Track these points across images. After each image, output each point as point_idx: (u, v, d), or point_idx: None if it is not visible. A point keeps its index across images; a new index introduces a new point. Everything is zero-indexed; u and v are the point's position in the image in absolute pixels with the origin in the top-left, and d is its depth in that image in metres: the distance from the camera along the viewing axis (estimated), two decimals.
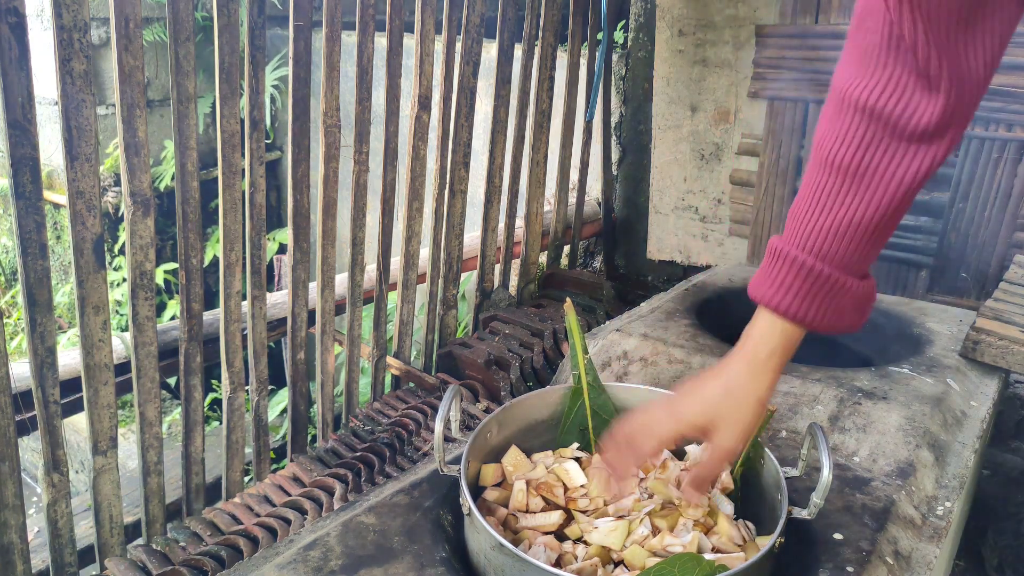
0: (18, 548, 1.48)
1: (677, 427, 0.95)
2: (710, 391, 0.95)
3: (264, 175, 1.70)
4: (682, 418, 0.95)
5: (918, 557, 1.08)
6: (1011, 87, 1.96)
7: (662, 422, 0.95)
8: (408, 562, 1.01)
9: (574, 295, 2.42)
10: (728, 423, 0.93)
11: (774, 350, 0.93)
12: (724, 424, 0.93)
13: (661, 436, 0.95)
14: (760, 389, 0.93)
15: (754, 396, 0.93)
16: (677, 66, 2.50)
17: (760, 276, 0.95)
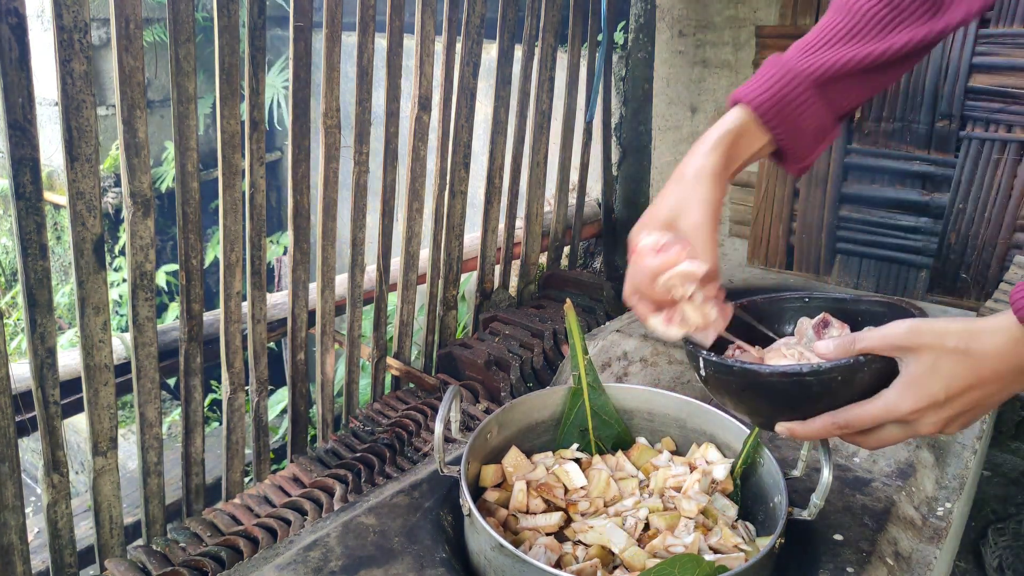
0: (18, 549, 1.47)
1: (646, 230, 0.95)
2: (664, 191, 0.96)
3: (264, 176, 1.70)
4: (648, 222, 0.96)
5: (918, 558, 1.08)
6: (1011, 87, 1.96)
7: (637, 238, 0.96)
8: (408, 563, 1.01)
9: (574, 296, 2.42)
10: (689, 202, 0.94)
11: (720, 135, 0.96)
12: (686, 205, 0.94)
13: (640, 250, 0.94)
14: (711, 166, 0.94)
15: (707, 172, 0.94)
16: (677, 67, 2.50)
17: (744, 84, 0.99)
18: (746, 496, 1.11)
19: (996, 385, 0.79)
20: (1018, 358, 0.78)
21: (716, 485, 1.11)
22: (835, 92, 0.97)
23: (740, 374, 0.87)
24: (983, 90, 1.99)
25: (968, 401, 0.80)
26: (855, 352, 0.84)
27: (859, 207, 2.27)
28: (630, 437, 1.23)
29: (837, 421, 0.84)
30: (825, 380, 0.83)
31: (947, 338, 0.79)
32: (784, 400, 0.87)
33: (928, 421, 0.81)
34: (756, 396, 0.89)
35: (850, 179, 2.26)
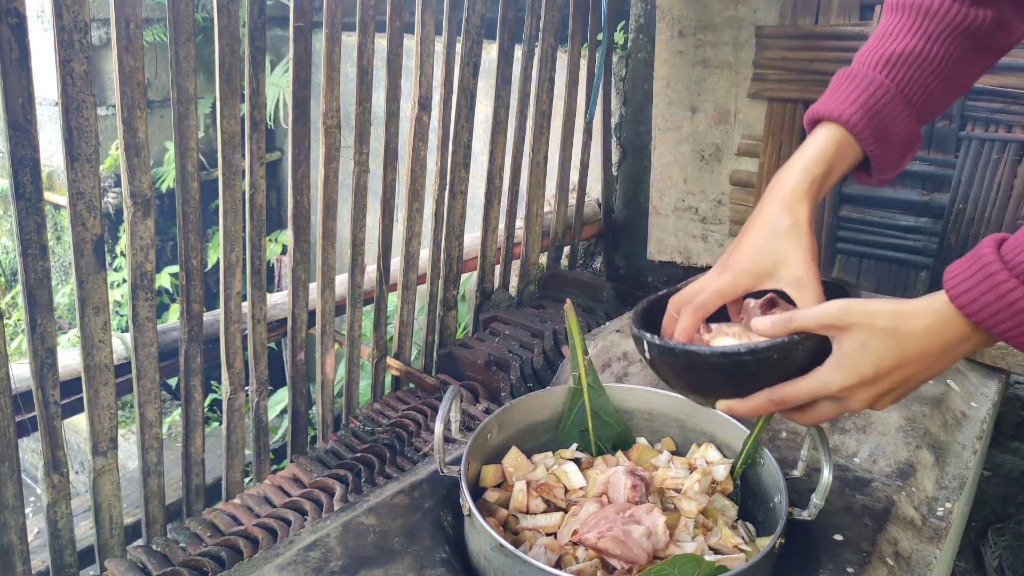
0: (18, 549, 1.47)
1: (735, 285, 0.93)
2: (757, 238, 0.94)
3: (264, 176, 1.70)
4: (742, 271, 0.93)
5: (918, 558, 1.08)
6: (1011, 87, 1.96)
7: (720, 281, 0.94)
8: (408, 563, 1.01)
9: (574, 296, 2.42)
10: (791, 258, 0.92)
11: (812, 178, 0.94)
12: (788, 260, 0.92)
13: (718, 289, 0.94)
14: (805, 215, 0.93)
15: (804, 221, 0.93)
16: (677, 67, 2.50)
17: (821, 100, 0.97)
18: (746, 496, 1.11)
19: (923, 363, 0.82)
20: (943, 338, 0.80)
21: (716, 485, 1.11)
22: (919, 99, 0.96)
23: (682, 355, 0.90)
24: (983, 90, 1.99)
25: (896, 379, 0.83)
26: (790, 330, 0.86)
27: (859, 207, 2.27)
28: (630, 437, 1.23)
29: (773, 398, 0.87)
30: (762, 358, 0.86)
31: (876, 318, 0.82)
32: (724, 379, 0.90)
33: (858, 397, 0.85)
34: (698, 376, 0.92)
35: (850, 179, 2.26)
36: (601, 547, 0.94)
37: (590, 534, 0.95)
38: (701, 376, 0.91)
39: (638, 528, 0.95)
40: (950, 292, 0.77)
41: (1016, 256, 0.73)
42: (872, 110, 0.94)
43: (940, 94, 0.97)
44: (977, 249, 0.77)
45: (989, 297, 0.75)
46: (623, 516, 0.98)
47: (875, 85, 0.95)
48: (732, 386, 0.90)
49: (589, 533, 0.96)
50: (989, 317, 0.75)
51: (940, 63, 0.95)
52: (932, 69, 0.95)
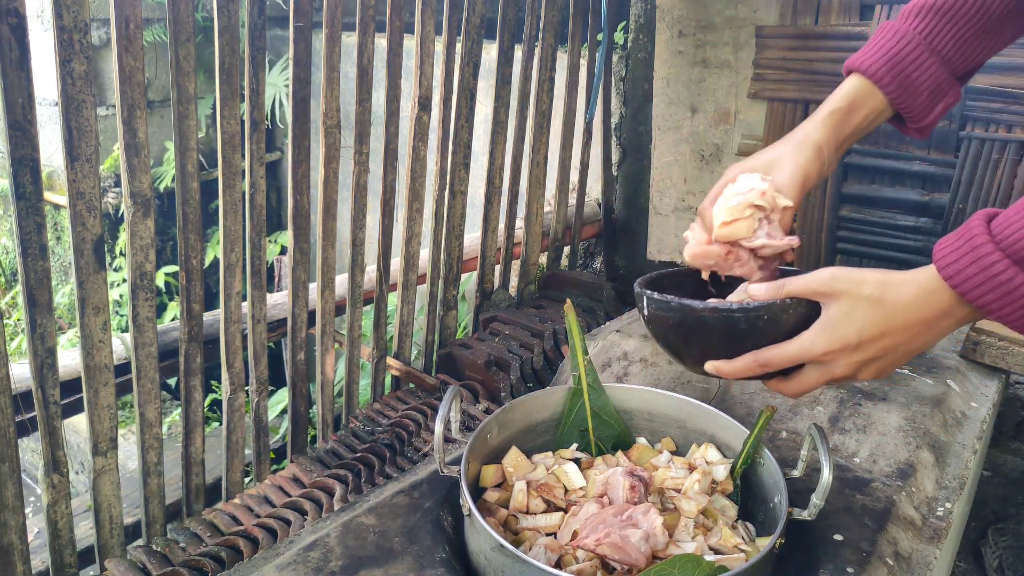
0: (18, 549, 1.47)
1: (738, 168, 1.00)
2: (774, 145, 1.01)
3: (264, 176, 1.70)
4: (744, 164, 1.00)
5: (918, 558, 1.08)
6: (1011, 88, 1.96)
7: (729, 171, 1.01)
8: (408, 563, 1.01)
9: (574, 296, 2.42)
10: (785, 162, 0.98)
11: (834, 108, 0.99)
12: (781, 163, 0.98)
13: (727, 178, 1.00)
14: (818, 135, 0.99)
15: (812, 140, 0.99)
16: (677, 67, 2.50)
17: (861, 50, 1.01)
18: (746, 496, 1.11)
19: (906, 334, 0.83)
20: (927, 309, 0.81)
21: (716, 485, 1.11)
22: (949, 49, 0.98)
23: (677, 309, 0.94)
24: (983, 90, 1.99)
25: (879, 348, 0.85)
26: (783, 295, 0.89)
27: (859, 207, 2.27)
28: (630, 437, 1.23)
29: (758, 359, 0.90)
30: (751, 318, 0.89)
31: (864, 286, 0.84)
32: (714, 337, 0.93)
33: (841, 363, 0.86)
34: (689, 332, 0.95)
35: (850, 179, 2.26)
36: (600, 553, 0.94)
37: (588, 540, 0.95)
38: (692, 332, 0.95)
39: (636, 532, 0.96)
40: (938, 263, 0.79)
41: (1003, 231, 0.75)
42: (894, 59, 0.97)
43: (976, 45, 0.98)
44: (967, 223, 0.79)
45: (974, 268, 0.76)
46: (620, 519, 0.98)
47: (900, 34, 0.98)
48: (721, 345, 0.93)
49: (587, 539, 0.96)
50: (973, 289, 0.77)
51: (975, 14, 0.96)
52: (966, 20, 0.96)
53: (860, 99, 0.99)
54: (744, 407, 1.40)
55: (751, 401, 1.41)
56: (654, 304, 0.97)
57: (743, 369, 0.91)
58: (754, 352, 0.90)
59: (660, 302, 0.95)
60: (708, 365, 0.95)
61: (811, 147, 0.98)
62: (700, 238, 1.01)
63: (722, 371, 0.93)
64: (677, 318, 0.94)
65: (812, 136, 0.99)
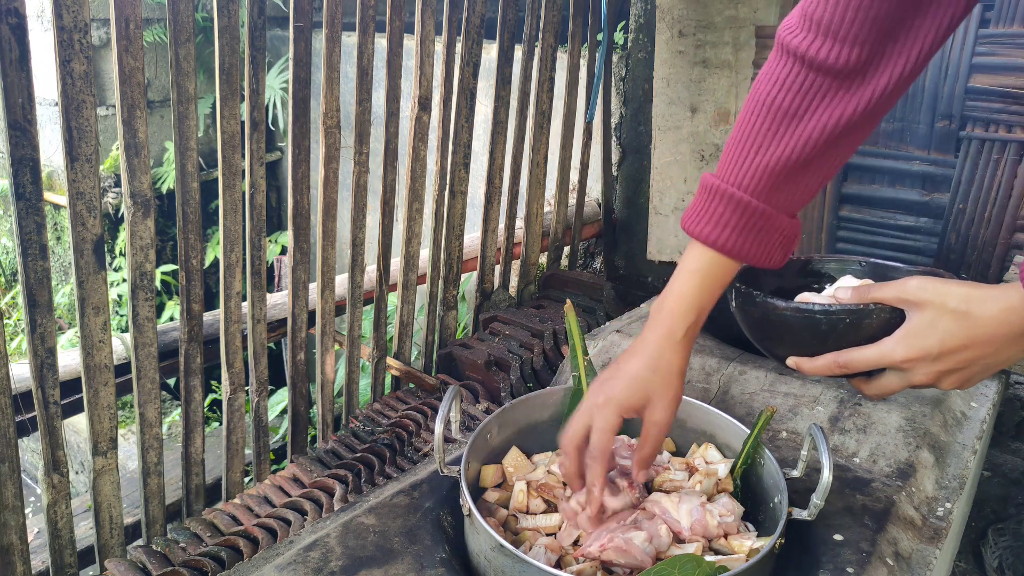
0: (18, 549, 1.47)
1: (617, 413, 1.00)
2: (636, 371, 1.01)
3: (264, 176, 1.70)
4: (619, 404, 1.00)
5: (918, 558, 1.08)
6: (1011, 88, 1.96)
7: (602, 415, 1.01)
8: (408, 563, 1.01)
9: (574, 296, 2.42)
10: (660, 399, 1.00)
11: (691, 320, 1.01)
12: (657, 400, 1.00)
13: (606, 428, 1.00)
14: (681, 362, 1.02)
15: (677, 369, 1.01)
16: (677, 67, 2.50)
17: (694, 211, 1.01)
18: (746, 496, 1.11)
19: (989, 348, 0.84)
20: (1011, 326, 0.82)
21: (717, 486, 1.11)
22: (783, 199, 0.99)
23: (761, 306, 0.97)
24: (983, 90, 1.99)
25: (961, 360, 0.85)
26: (868, 300, 0.91)
27: (859, 207, 2.27)
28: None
29: (839, 360, 0.91)
30: (833, 320, 0.91)
31: (950, 298, 0.85)
32: (796, 335, 0.95)
33: (921, 371, 0.87)
34: (772, 329, 0.98)
35: (850, 179, 2.26)
36: (605, 559, 0.95)
37: (593, 547, 0.96)
38: (775, 329, 0.97)
39: (639, 535, 0.96)
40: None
41: None
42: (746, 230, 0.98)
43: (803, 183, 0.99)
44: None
45: None
46: (623, 523, 0.98)
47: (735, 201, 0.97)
48: (803, 343, 0.95)
49: (591, 547, 0.96)
50: None
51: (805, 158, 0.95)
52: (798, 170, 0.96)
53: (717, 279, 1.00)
54: (744, 407, 1.40)
55: (751, 401, 1.41)
56: (740, 297, 1.00)
57: (823, 368, 0.93)
58: (835, 353, 0.92)
59: (746, 296, 0.99)
60: (790, 361, 0.97)
61: (678, 380, 1.01)
62: None
63: (803, 368, 0.96)
64: (760, 314, 0.97)
65: (676, 367, 1.01)
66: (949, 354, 0.85)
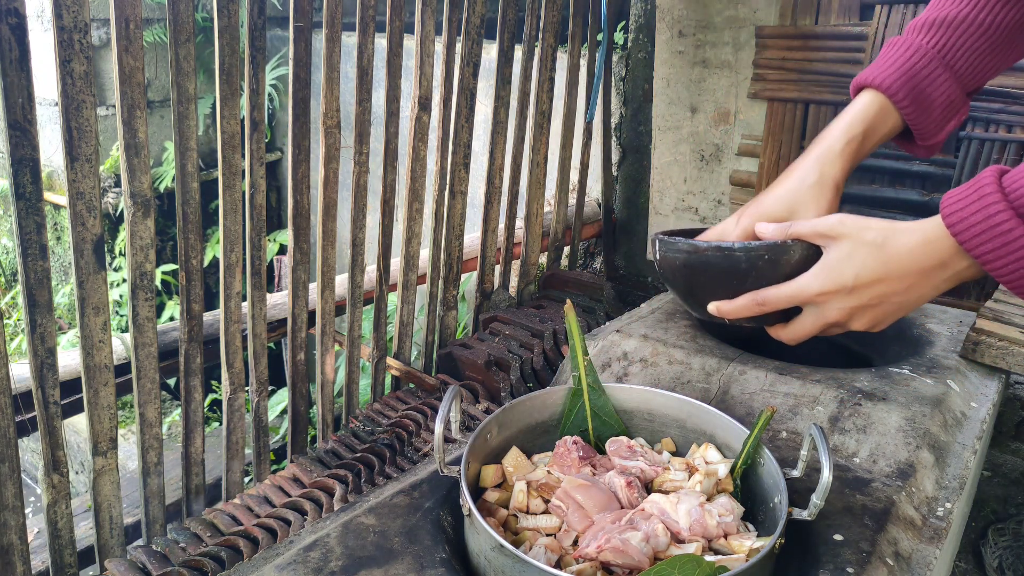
0: (18, 549, 1.47)
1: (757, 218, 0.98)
2: (786, 184, 0.98)
3: (264, 176, 1.70)
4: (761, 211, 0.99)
5: (918, 558, 1.08)
6: (1011, 88, 1.96)
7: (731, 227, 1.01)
8: (408, 563, 1.01)
9: (574, 296, 2.42)
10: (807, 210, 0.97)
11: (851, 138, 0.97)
12: (803, 211, 0.97)
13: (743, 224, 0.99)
14: (838, 174, 0.97)
15: (831, 180, 0.97)
16: (677, 67, 2.50)
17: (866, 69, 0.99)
18: (746, 496, 1.11)
19: (902, 283, 0.83)
20: (926, 259, 0.81)
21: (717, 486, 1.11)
22: (962, 64, 0.96)
23: (684, 249, 0.98)
24: (983, 90, 1.99)
25: (875, 294, 0.85)
26: (788, 236, 0.90)
27: (859, 207, 2.27)
28: (630, 438, 1.23)
29: (756, 298, 0.92)
30: (753, 257, 0.92)
31: (867, 231, 0.85)
32: (718, 276, 0.96)
33: (834, 306, 0.87)
34: (694, 272, 0.98)
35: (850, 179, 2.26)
36: (603, 560, 0.95)
37: (589, 548, 0.96)
38: (697, 272, 0.98)
39: (636, 535, 0.96)
40: (943, 210, 0.79)
41: (1013, 184, 0.75)
42: (909, 74, 0.95)
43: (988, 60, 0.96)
44: (979, 175, 0.78)
45: (977, 217, 0.76)
46: (620, 523, 0.98)
47: (913, 49, 0.96)
48: (724, 286, 0.95)
49: (588, 547, 0.96)
50: (972, 237, 0.76)
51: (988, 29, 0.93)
52: (979, 34, 0.94)
53: (876, 120, 0.97)
54: (744, 407, 1.40)
55: (751, 401, 1.41)
56: (664, 246, 1.01)
57: (742, 308, 0.93)
58: (753, 292, 0.92)
59: (669, 243, 0.99)
60: (711, 306, 0.97)
61: (832, 188, 0.96)
62: None
63: (723, 311, 0.95)
64: (683, 258, 0.98)
65: (831, 175, 0.96)
66: (863, 288, 0.84)
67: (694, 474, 1.12)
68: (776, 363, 1.46)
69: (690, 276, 0.99)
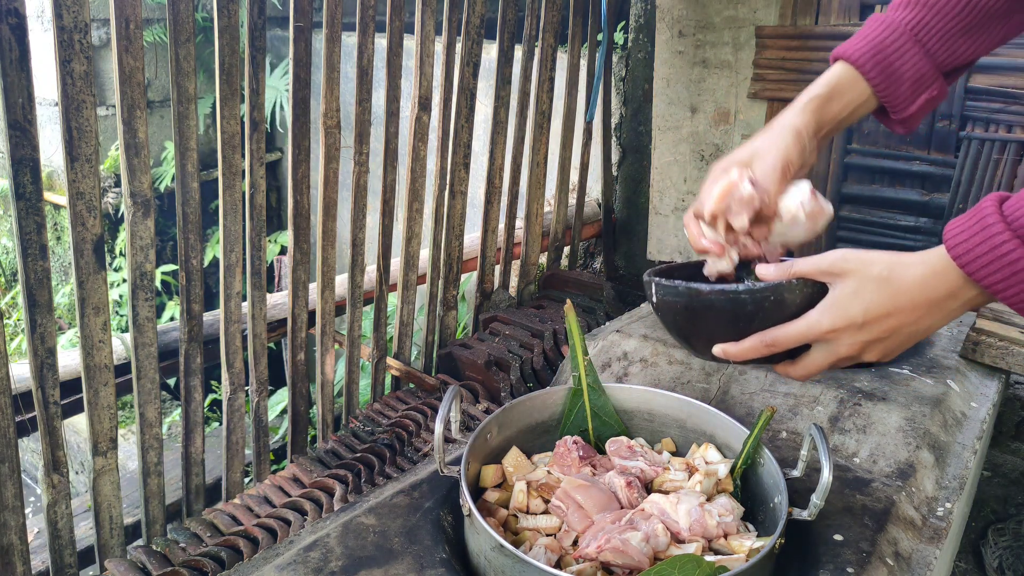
0: (18, 549, 1.47)
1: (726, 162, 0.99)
2: (755, 136, 1.00)
3: (264, 176, 1.70)
4: (728, 158, 0.99)
5: (918, 558, 1.08)
6: (1011, 88, 1.96)
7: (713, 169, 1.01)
8: (408, 563, 1.01)
9: (574, 296, 2.42)
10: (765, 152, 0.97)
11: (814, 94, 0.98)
12: (761, 154, 0.97)
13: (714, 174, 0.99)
14: (797, 121, 0.98)
15: (790, 126, 0.97)
16: (677, 67, 2.50)
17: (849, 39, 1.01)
18: (746, 496, 1.11)
19: (912, 315, 0.83)
20: (935, 290, 0.81)
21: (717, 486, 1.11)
22: (934, 42, 0.97)
23: (684, 293, 0.94)
24: (983, 90, 2.00)
25: (885, 328, 0.84)
26: (791, 275, 0.89)
27: (859, 207, 2.27)
28: (630, 438, 1.23)
29: (765, 339, 0.89)
30: (758, 299, 0.89)
31: (872, 266, 0.84)
32: (721, 320, 0.92)
33: (845, 342, 0.86)
34: (697, 316, 0.95)
35: (850, 179, 2.26)
36: (603, 560, 0.95)
37: (589, 548, 0.95)
38: (700, 316, 0.94)
39: (636, 535, 0.96)
40: (947, 242, 0.79)
41: (1014, 211, 0.75)
42: (879, 47, 0.96)
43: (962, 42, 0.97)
44: (979, 204, 0.78)
45: (983, 248, 0.76)
46: (620, 524, 0.98)
47: (886, 23, 0.97)
48: (729, 328, 0.92)
49: (588, 548, 0.96)
50: (981, 268, 0.76)
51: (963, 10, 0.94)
52: (953, 14, 0.95)
53: (841, 86, 0.99)
54: (744, 407, 1.40)
55: (751, 401, 1.41)
56: (662, 290, 0.97)
57: (750, 350, 0.91)
58: (760, 333, 0.90)
59: (668, 287, 0.96)
60: (716, 348, 0.94)
61: (790, 133, 0.97)
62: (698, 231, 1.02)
63: (730, 354, 0.93)
64: (684, 302, 0.95)
65: (791, 122, 0.98)
66: (873, 322, 0.84)
67: (694, 474, 1.12)
68: None
69: (692, 320, 0.96)
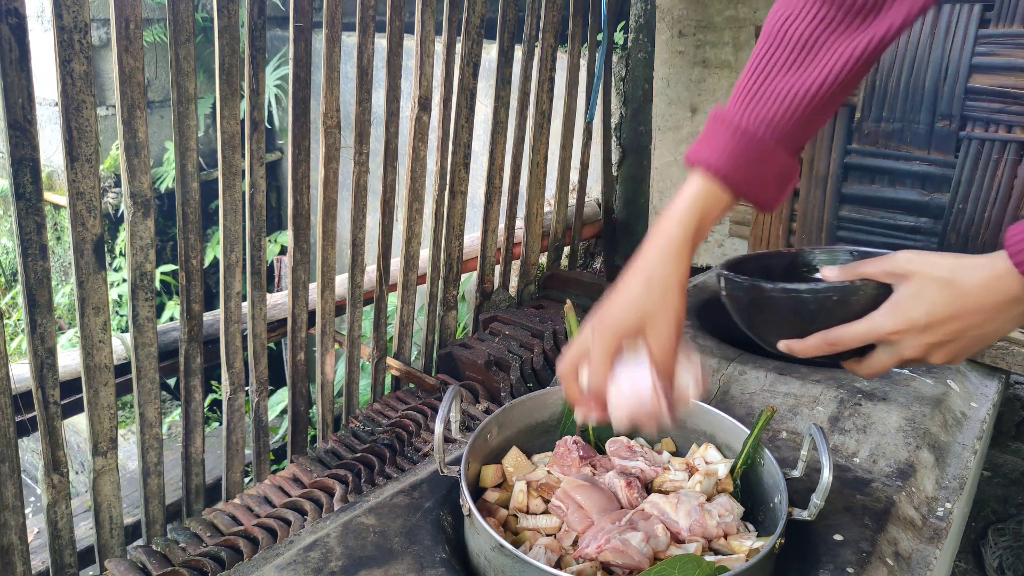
0: (18, 549, 1.47)
1: (613, 339, 0.95)
2: (630, 290, 0.97)
3: (264, 176, 1.70)
4: (614, 329, 0.96)
5: (918, 558, 1.08)
6: (1011, 88, 1.96)
7: (598, 343, 0.95)
8: (408, 563, 1.01)
9: (574, 296, 2.42)
10: (657, 320, 0.94)
11: (688, 233, 0.96)
12: (653, 321, 0.94)
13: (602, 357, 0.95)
14: (678, 275, 0.95)
15: (675, 282, 0.95)
16: (677, 67, 2.50)
17: (696, 142, 0.98)
18: (746, 496, 1.11)
19: (977, 318, 0.83)
20: (999, 294, 0.81)
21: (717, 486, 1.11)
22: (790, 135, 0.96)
23: (748, 290, 0.96)
24: (983, 90, 1.99)
25: (949, 331, 0.84)
26: (855, 276, 0.89)
27: (859, 207, 2.26)
28: (630, 438, 1.23)
29: (828, 338, 0.89)
30: (821, 298, 0.90)
31: (936, 268, 0.84)
32: (785, 317, 0.94)
33: (909, 344, 0.85)
34: (761, 312, 0.97)
35: (850, 179, 2.26)
36: (603, 560, 0.95)
37: (589, 548, 0.96)
38: (764, 312, 0.96)
39: (636, 535, 0.96)
40: (1008, 247, 0.79)
41: None
42: (741, 156, 0.94)
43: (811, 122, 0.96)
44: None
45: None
46: (620, 524, 0.98)
47: (741, 130, 0.94)
48: (791, 325, 0.93)
49: (588, 548, 0.96)
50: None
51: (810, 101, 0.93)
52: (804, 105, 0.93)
53: (708, 205, 0.96)
54: (744, 407, 1.40)
55: (751, 401, 1.41)
56: (729, 285, 0.99)
57: (813, 348, 0.91)
58: (824, 332, 0.89)
59: (734, 283, 0.98)
60: (781, 344, 0.95)
61: (677, 291, 0.95)
62: None
63: (794, 350, 0.93)
64: (748, 298, 0.97)
65: (676, 278, 0.95)
66: (937, 325, 0.83)
67: (694, 474, 1.12)
68: (776, 363, 1.46)
69: (756, 314, 0.98)
